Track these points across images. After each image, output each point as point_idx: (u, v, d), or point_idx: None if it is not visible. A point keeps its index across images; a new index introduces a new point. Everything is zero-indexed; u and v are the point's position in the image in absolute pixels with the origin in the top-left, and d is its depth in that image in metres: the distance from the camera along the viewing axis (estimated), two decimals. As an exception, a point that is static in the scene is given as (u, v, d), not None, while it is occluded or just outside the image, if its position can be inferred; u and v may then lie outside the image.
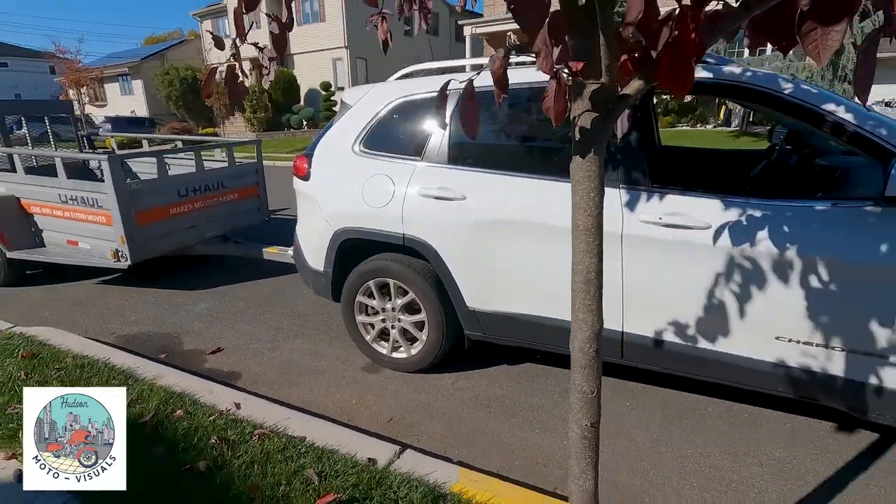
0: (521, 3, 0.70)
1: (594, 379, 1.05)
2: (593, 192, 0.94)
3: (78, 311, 3.85)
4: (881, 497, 1.89)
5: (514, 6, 0.70)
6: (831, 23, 0.63)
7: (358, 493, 1.71)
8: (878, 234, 1.72)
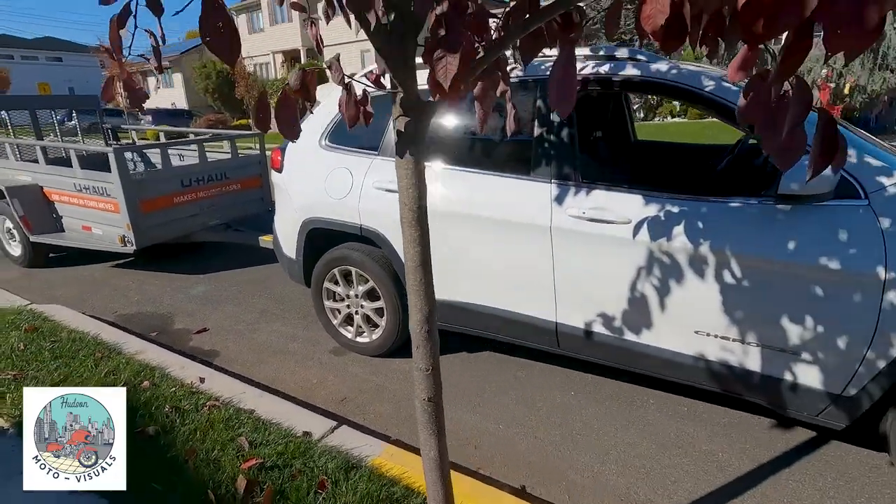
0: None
1: (428, 357, 1.16)
2: (412, 188, 1.04)
3: (89, 291, 4.19)
4: (794, 492, 1.91)
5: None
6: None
7: (280, 461, 1.88)
8: (775, 230, 1.74)
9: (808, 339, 1.77)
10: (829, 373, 1.77)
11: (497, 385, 2.67)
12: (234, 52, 0.72)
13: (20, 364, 2.61)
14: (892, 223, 1.60)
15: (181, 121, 22.38)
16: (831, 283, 1.68)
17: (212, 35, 0.69)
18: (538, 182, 2.18)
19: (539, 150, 2.19)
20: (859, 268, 1.63)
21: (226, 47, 0.71)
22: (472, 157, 2.42)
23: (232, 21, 0.71)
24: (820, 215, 1.69)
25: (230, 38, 0.70)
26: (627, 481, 2.00)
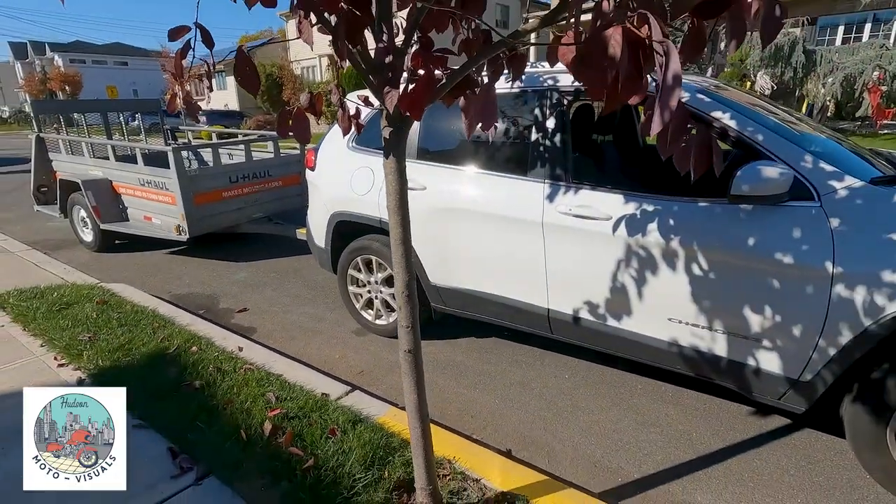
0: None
1: (409, 316, 1.45)
2: (395, 182, 1.33)
3: (149, 273, 4.73)
4: (756, 469, 2.09)
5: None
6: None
7: (300, 413, 2.23)
8: (738, 228, 1.93)
9: (768, 328, 1.95)
10: (787, 359, 1.95)
11: (497, 366, 2.93)
12: (256, 86, 1.05)
13: (94, 329, 3.09)
14: (840, 223, 1.77)
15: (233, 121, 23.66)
16: (787, 277, 1.86)
17: (242, 75, 1.01)
18: (533, 182, 2.44)
19: (534, 152, 2.45)
20: (811, 263, 1.80)
21: (252, 84, 1.03)
22: (476, 159, 2.69)
23: (254, 65, 1.03)
24: (778, 215, 1.87)
25: (254, 77, 1.03)
26: (603, 452, 2.23)
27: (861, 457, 1.93)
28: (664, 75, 0.65)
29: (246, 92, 1.08)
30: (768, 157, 1.91)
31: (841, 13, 14.22)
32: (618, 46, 0.63)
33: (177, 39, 1.36)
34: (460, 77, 1.17)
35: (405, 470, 1.91)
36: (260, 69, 25.88)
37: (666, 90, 0.65)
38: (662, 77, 0.65)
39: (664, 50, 0.64)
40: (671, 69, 0.64)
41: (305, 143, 1.23)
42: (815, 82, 12.00)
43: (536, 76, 2.49)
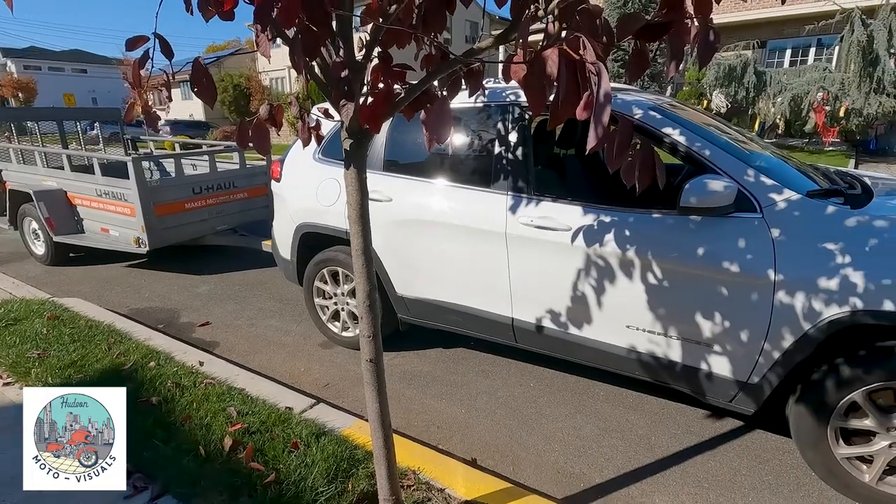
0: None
1: (370, 325, 1.46)
2: (356, 193, 1.35)
3: (105, 287, 4.56)
4: (710, 470, 2.17)
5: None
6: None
7: (262, 427, 2.19)
8: (689, 239, 2.03)
9: (719, 333, 2.04)
10: (736, 362, 2.04)
11: (465, 376, 2.95)
12: (212, 97, 1.06)
13: (43, 345, 2.96)
14: (780, 233, 1.89)
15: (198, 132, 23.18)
16: (734, 285, 1.96)
17: (199, 86, 1.02)
18: (496, 193, 2.50)
19: (498, 165, 2.51)
20: (755, 271, 1.91)
21: (208, 94, 1.04)
22: (441, 171, 2.73)
23: (211, 76, 1.04)
24: (724, 226, 1.98)
25: (210, 88, 1.04)
26: (566, 458, 2.27)
27: (805, 455, 2.04)
28: (596, 94, 0.70)
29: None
30: (715, 171, 2.02)
31: (788, 37, 15.15)
32: (554, 66, 0.68)
33: (135, 49, 1.35)
34: (418, 91, 1.21)
35: (369, 482, 1.90)
36: (227, 80, 25.62)
37: (598, 107, 0.70)
38: (595, 95, 0.70)
39: (596, 70, 0.69)
40: (602, 88, 0.69)
41: (265, 153, 1.24)
42: (765, 101, 12.67)
43: (499, 91, 2.56)
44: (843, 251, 1.78)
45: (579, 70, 0.72)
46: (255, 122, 1.22)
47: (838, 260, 1.78)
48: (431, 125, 1.02)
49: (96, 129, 7.09)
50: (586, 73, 0.72)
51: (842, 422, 1.88)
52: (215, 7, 0.95)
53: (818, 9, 13.15)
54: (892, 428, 1.81)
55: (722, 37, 1.15)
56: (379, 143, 2.95)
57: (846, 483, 1.93)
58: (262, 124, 1.23)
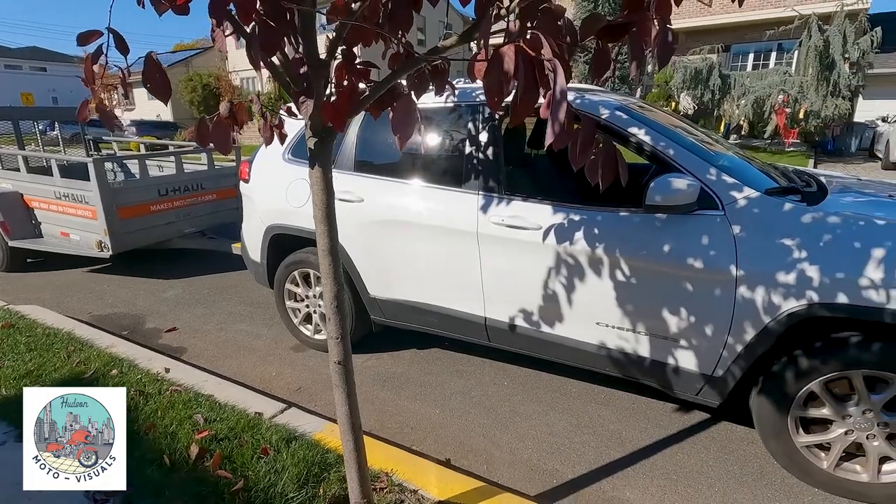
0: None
1: (338, 327, 1.44)
2: (322, 192, 1.33)
3: (65, 294, 4.38)
4: (679, 462, 2.21)
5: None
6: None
7: (231, 434, 2.13)
8: (655, 236, 2.07)
9: (684, 328, 2.09)
10: (701, 357, 2.09)
11: (439, 377, 2.95)
12: (167, 94, 1.02)
13: (-3, 355, 2.82)
14: (741, 229, 1.94)
15: (166, 132, 22.51)
16: (697, 280, 2.01)
17: (152, 82, 0.98)
18: (468, 193, 2.50)
19: (469, 165, 2.52)
20: (718, 267, 1.96)
21: (162, 91, 1.01)
22: (412, 171, 2.72)
23: (164, 72, 1.01)
24: (688, 223, 2.03)
25: (164, 83, 1.00)
26: (539, 455, 2.29)
27: (768, 444, 2.10)
28: (553, 90, 0.70)
29: (180, 102, 1.05)
30: (679, 169, 2.07)
31: (751, 42, 15.69)
32: (511, 62, 0.68)
33: (88, 44, 1.30)
34: (383, 90, 1.20)
35: (341, 486, 1.87)
36: (196, 79, 24.98)
37: (554, 104, 0.70)
38: (552, 92, 0.70)
39: (552, 67, 0.69)
40: (558, 85, 0.69)
41: (226, 153, 1.21)
42: (730, 104, 13.09)
43: (469, 91, 2.57)
44: (800, 246, 1.85)
45: (537, 68, 0.73)
46: (216, 120, 1.19)
47: (795, 255, 1.84)
48: (397, 123, 1.01)
49: (56, 129, 6.82)
50: (545, 71, 0.72)
51: (801, 411, 1.95)
52: (168, 1, 0.92)
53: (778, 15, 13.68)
54: (848, 416, 1.88)
55: (688, 41, 1.19)
56: (350, 144, 2.92)
57: (806, 470, 2.00)
58: (223, 123, 1.20)
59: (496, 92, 0.72)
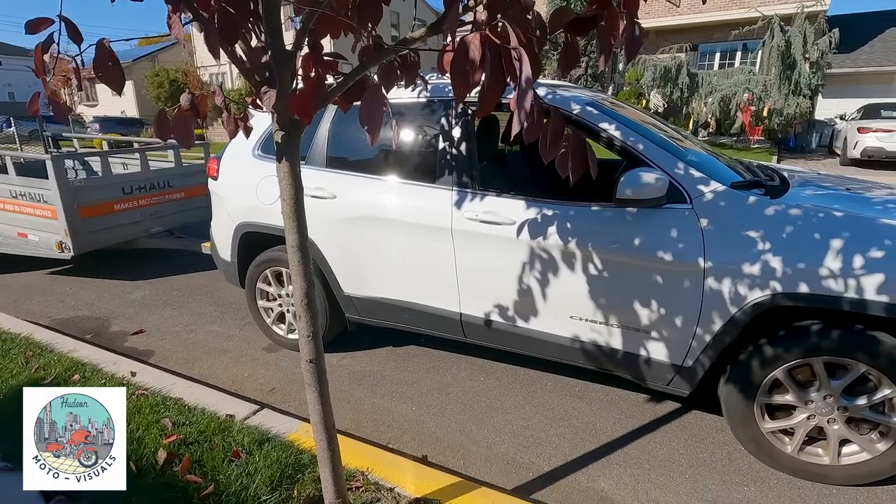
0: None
1: (308, 325, 1.42)
2: (290, 187, 1.30)
3: (24, 297, 4.19)
4: (651, 451, 2.26)
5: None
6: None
7: (201, 437, 2.08)
8: (625, 230, 2.10)
9: (655, 320, 2.13)
10: (671, 347, 2.14)
11: (415, 374, 2.93)
12: (120, 84, 0.98)
13: (-52, 362, 2.68)
14: (708, 222, 1.99)
15: (131, 129, 21.79)
16: (667, 273, 2.05)
17: (104, 71, 0.94)
18: (441, 189, 2.49)
19: (442, 160, 2.50)
20: (686, 259, 2.00)
21: (115, 81, 0.96)
22: (386, 167, 2.69)
23: (118, 60, 0.96)
24: (657, 217, 2.07)
25: (117, 73, 0.96)
26: (516, 449, 2.30)
27: (735, 431, 2.16)
28: (519, 79, 0.70)
29: (145, 98, 1.00)
30: (648, 164, 2.10)
31: (717, 41, 16.11)
32: (477, 51, 0.67)
33: (37, 32, 1.24)
34: (351, 82, 1.17)
35: (315, 487, 1.84)
36: (163, 74, 24.24)
37: (520, 92, 0.70)
38: (518, 81, 0.70)
39: (517, 55, 0.69)
40: (524, 73, 0.69)
41: (187, 146, 1.17)
42: (698, 101, 13.44)
43: (443, 86, 2.56)
44: (764, 238, 1.90)
45: (504, 57, 0.72)
46: (177, 112, 1.15)
47: (760, 246, 1.90)
48: (365, 115, 0.99)
49: (12, 125, 6.52)
50: (511, 61, 0.71)
51: (766, 398, 2.01)
52: (121, -15, 0.88)
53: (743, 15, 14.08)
54: (810, 401, 1.95)
55: (658, 40, 1.20)
56: (322, 140, 2.87)
57: (771, 455, 2.06)
58: (184, 115, 1.16)
59: (462, 81, 0.71)
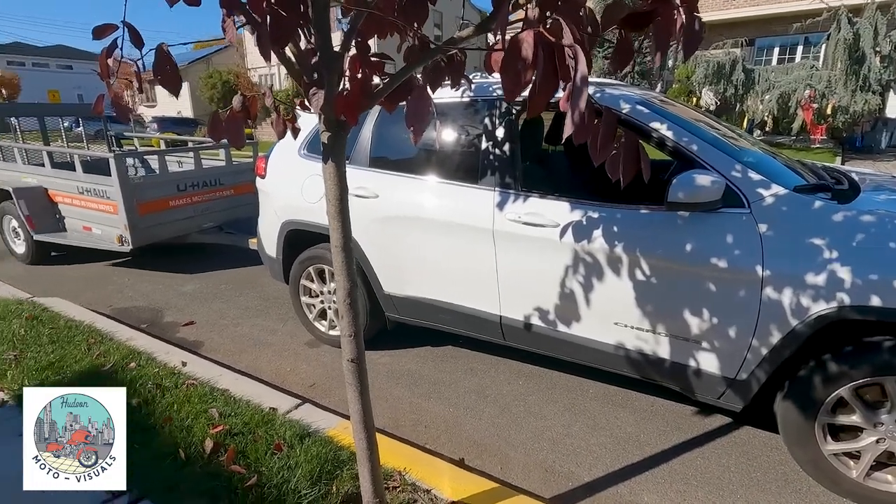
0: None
1: (350, 324, 1.42)
2: (335, 187, 1.31)
3: (87, 287, 4.47)
4: (700, 467, 2.15)
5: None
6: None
7: (245, 429, 2.14)
8: (677, 235, 2.01)
9: (707, 330, 2.02)
10: (724, 359, 2.03)
11: (453, 375, 2.92)
12: (177, 86, 1.01)
13: (20, 346, 2.88)
14: (767, 228, 1.87)
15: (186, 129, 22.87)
16: (721, 281, 1.94)
17: (163, 75, 0.97)
18: (484, 190, 2.46)
19: (485, 161, 2.47)
20: (743, 267, 1.89)
21: (172, 83, 1.00)
22: (428, 167, 2.69)
23: (176, 65, 0.99)
24: (712, 221, 1.96)
25: (174, 76, 0.99)
26: (555, 457, 2.24)
27: (793, 452, 2.03)
28: (574, 77, 0.66)
29: (200, 99, 1.04)
30: (702, 166, 2.00)
31: (776, 35, 15.25)
32: (530, 49, 0.65)
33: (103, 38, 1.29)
34: (398, 82, 1.17)
35: (354, 484, 1.86)
36: (216, 76, 25.29)
37: (575, 91, 0.67)
38: (572, 80, 0.67)
39: (573, 54, 0.66)
40: (579, 71, 0.65)
41: (239, 147, 1.19)
42: (754, 99, 12.76)
43: (487, 86, 2.53)
44: (831, 246, 1.77)
45: (557, 55, 0.69)
46: (228, 114, 1.18)
47: (826, 255, 1.77)
48: (411, 116, 0.98)
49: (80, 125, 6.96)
50: (565, 59, 0.68)
51: (829, 418, 1.87)
52: (179, -8, 0.90)
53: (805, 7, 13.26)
54: (879, 423, 1.80)
55: (711, 34, 1.13)
56: (365, 140, 2.90)
57: (834, 479, 1.92)
58: (236, 116, 1.19)
59: (513, 81, 0.68)
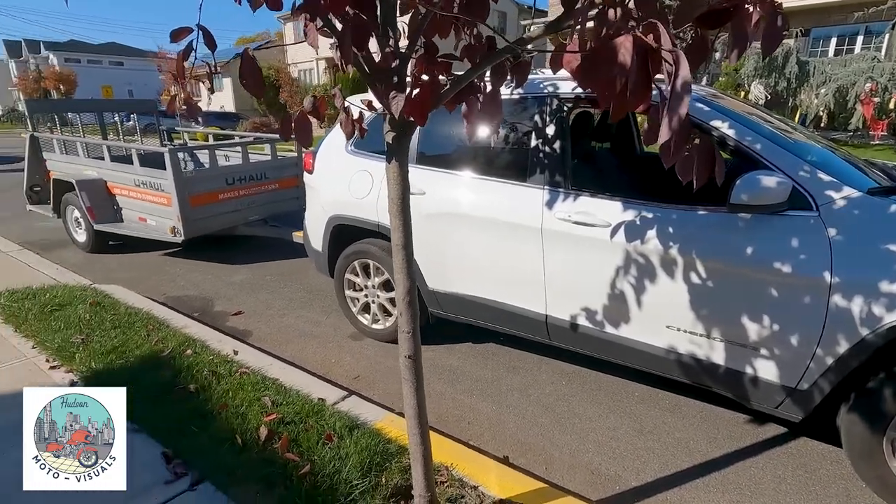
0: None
1: (409, 322, 1.44)
2: (398, 187, 1.33)
3: (142, 275, 4.69)
4: (754, 477, 2.08)
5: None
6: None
7: (297, 418, 2.21)
8: (737, 237, 1.93)
9: (766, 337, 1.95)
10: (784, 368, 1.95)
11: (495, 372, 2.92)
12: (261, 90, 1.05)
13: (86, 330, 3.06)
14: (837, 232, 1.78)
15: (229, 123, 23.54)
16: (784, 286, 1.87)
17: (248, 78, 1.01)
18: (532, 188, 2.44)
19: (534, 158, 2.45)
20: (809, 273, 1.81)
21: (256, 87, 1.03)
22: (475, 164, 2.69)
23: (259, 68, 1.03)
24: (776, 224, 1.88)
25: (259, 80, 1.03)
26: (601, 459, 2.22)
27: (857, 466, 1.94)
28: (673, 83, 0.65)
29: (242, 94, 1.08)
30: (767, 166, 1.92)
31: (834, 25, 14.40)
32: (628, 55, 0.63)
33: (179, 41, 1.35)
34: (465, 83, 1.17)
35: (402, 476, 1.89)
36: (257, 71, 26.11)
37: (675, 98, 0.65)
38: (672, 85, 0.65)
39: (674, 58, 0.64)
40: (681, 77, 0.64)
41: (307, 146, 1.23)
42: (808, 93, 12.13)
43: (536, 83, 2.50)
44: (909, 253, 1.67)
45: (650, 59, 0.67)
46: (298, 114, 1.21)
47: (902, 262, 1.67)
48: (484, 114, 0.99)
49: (133, 120, 7.32)
50: (660, 64, 0.67)
51: (900, 433, 1.78)
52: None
53: (868, -6, 12.47)
54: (956, 442, 1.70)
55: None
56: (413, 136, 2.91)
57: (902, 497, 1.83)
58: (305, 117, 1.22)
59: (608, 87, 0.67)
